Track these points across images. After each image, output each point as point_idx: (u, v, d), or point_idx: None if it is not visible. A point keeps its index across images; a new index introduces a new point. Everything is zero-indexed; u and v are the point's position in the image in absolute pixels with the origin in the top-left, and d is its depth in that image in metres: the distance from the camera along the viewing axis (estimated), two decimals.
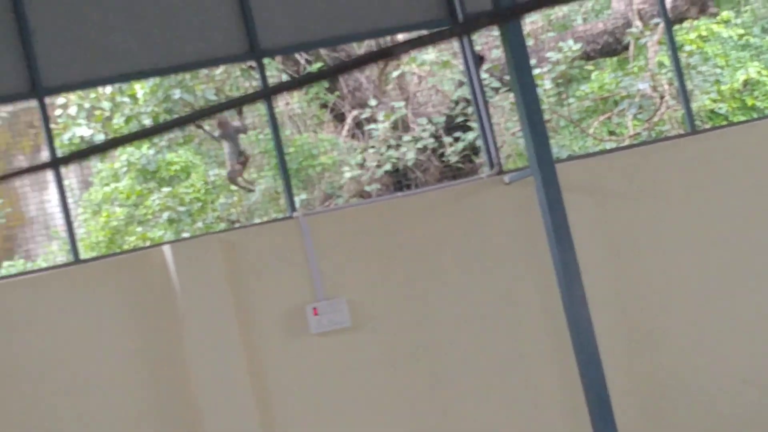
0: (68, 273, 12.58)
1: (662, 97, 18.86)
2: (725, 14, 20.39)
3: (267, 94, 13.33)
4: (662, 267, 13.44)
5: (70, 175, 17.12)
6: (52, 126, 14.29)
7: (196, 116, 13.82)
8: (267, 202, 18.51)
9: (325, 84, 18.93)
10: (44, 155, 15.70)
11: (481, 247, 13.10)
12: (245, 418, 12.14)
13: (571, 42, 18.93)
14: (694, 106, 17.65)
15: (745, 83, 19.79)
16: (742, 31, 20.59)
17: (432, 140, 18.86)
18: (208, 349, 12.17)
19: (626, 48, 19.51)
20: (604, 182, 13.69)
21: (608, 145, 18.74)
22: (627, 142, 18.30)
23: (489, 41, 16.49)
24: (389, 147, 18.82)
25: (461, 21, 13.56)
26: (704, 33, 19.52)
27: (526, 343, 13.01)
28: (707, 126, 18.21)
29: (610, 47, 19.38)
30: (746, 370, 13.51)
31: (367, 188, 18.72)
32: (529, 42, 16.12)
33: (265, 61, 14.25)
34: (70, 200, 13.99)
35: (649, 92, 19.07)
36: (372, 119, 19.14)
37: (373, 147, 19.10)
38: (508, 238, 13.17)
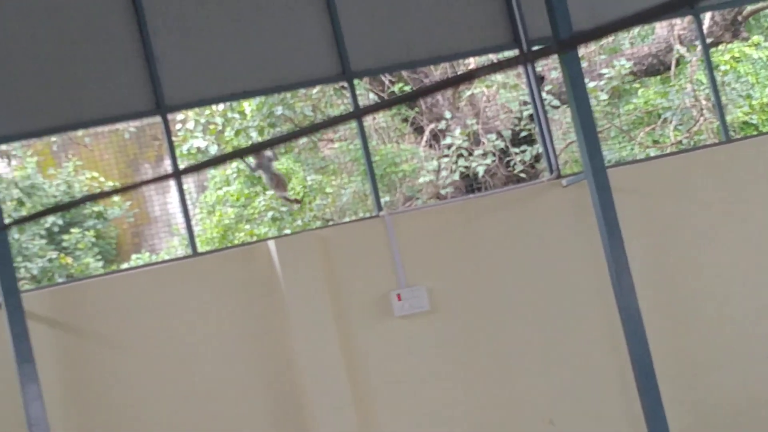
0: (187, 264, 13.35)
1: (700, 111, 19.26)
2: (755, 38, 20.70)
3: (358, 114, 13.71)
4: (700, 259, 13.89)
5: (189, 180, 17.90)
6: (174, 138, 14.86)
7: (298, 134, 13.78)
8: (356, 203, 19.00)
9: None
10: (166, 163, 16.11)
11: (541, 242, 13.65)
12: (340, 391, 12.69)
13: (623, 60, 19.50)
14: (729, 118, 18.17)
15: None
16: None
17: (499, 152, 19.38)
18: (307, 330, 12.80)
19: (668, 68, 19.88)
20: (649, 185, 14.10)
21: (652, 153, 18.82)
22: (669, 150, 18.61)
23: (548, 63, 16.58)
24: (460, 156, 19.41)
25: (527, 51, 13.68)
26: (737, 54, 20.03)
27: (582, 326, 13.55)
28: (740, 135, 18.51)
29: (654, 67, 19.94)
30: None
31: (442, 191, 19.34)
32: (584, 63, 16.10)
33: (355, 81, 14.56)
34: (188, 202, 14.49)
35: (689, 106, 19.43)
36: (447, 131, 19.66)
37: (447, 156, 19.64)
38: (566, 234, 13.70)
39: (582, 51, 17.02)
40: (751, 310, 13.81)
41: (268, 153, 16.00)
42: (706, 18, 17.33)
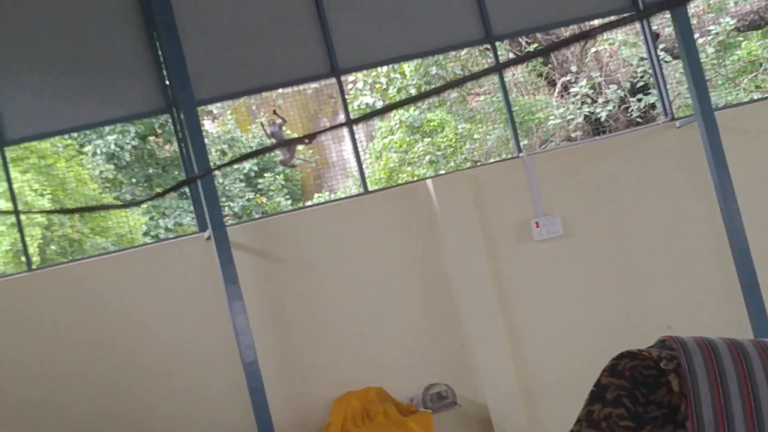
0: (360, 201, 14.13)
1: None
2: None
3: (499, 68, 13.99)
4: None
5: (359, 131, 18.63)
6: (346, 96, 15.08)
7: (449, 86, 14.04)
8: (499, 146, 19.31)
9: (540, 59, 19.77)
10: (340, 117, 16.92)
11: (658, 176, 14.20)
12: (488, 302, 13.50)
13: (728, 18, 19.34)
14: None
15: None
16: None
17: (619, 100, 19.75)
18: (461, 253, 13.56)
19: (766, 23, 19.64)
20: (753, 124, 14.50)
21: (756, 96, 18.51)
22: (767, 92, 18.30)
23: (662, 22, 16.60)
24: (584, 104, 19.77)
25: (641, 8, 14.02)
26: None
27: (693, 246, 14.11)
28: None
29: (755, 23, 19.71)
30: None
31: (572, 135, 19.65)
32: (693, 21, 15.72)
33: (497, 43, 14.85)
34: (359, 149, 15.02)
35: None
36: (574, 83, 20.01)
37: (573, 104, 19.97)
38: (679, 169, 14.20)
39: (692, 10, 17.00)
40: None
41: (279, 120, 15.39)
42: None
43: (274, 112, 15.49)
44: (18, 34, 13.37)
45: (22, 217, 15.16)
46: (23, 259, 14.63)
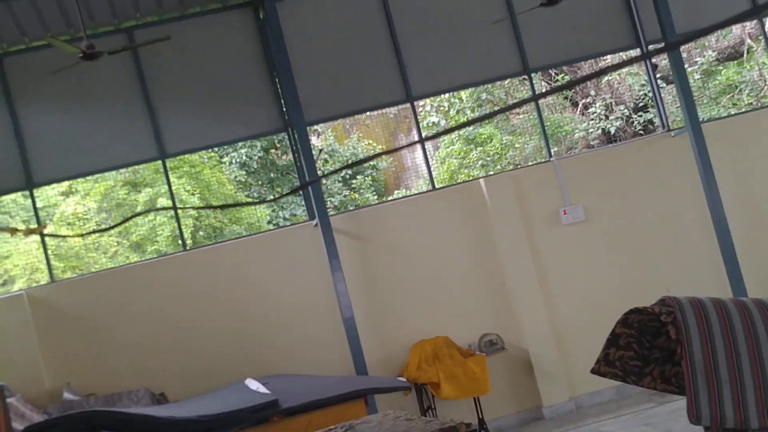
0: (429, 196, 14.01)
1: (765, 82, 18.83)
2: None
3: (536, 98, 13.84)
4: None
5: (428, 144, 17.50)
6: (418, 117, 14.76)
7: (493, 114, 13.96)
8: (535, 153, 18.98)
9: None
10: (413, 133, 16.39)
11: (657, 174, 13.97)
12: (528, 273, 13.45)
13: (710, 51, 19.22)
14: None
15: None
16: None
17: (626, 117, 19.47)
18: (506, 235, 13.47)
19: (742, 55, 19.50)
20: (732, 133, 14.28)
21: (732, 111, 18.24)
22: (744, 110, 17.98)
23: (660, 56, 16.48)
24: (600, 119, 19.59)
25: (646, 51, 13.71)
26: None
27: (686, 228, 13.90)
28: None
29: (732, 55, 19.60)
30: None
31: (591, 143, 19.51)
32: (684, 54, 15.10)
33: (533, 75, 14.61)
34: (428, 156, 14.93)
35: (756, 80, 19.11)
36: (592, 104, 19.87)
37: (592, 120, 19.77)
38: (674, 169, 13.99)
39: (683, 47, 16.80)
40: None
41: None
42: (767, 21, 16.44)
43: None
44: (176, 73, 13.55)
45: (179, 211, 15.41)
46: (180, 242, 14.92)
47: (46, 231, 14.43)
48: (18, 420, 10.54)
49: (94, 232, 17.69)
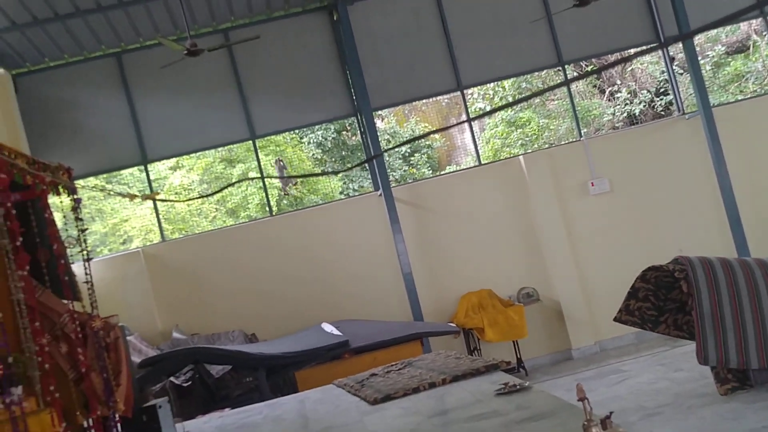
0: (475, 170, 14.00)
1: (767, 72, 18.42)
2: None
3: (567, 83, 13.86)
4: None
5: (475, 125, 17.77)
6: (467, 103, 14.88)
7: (531, 96, 14.63)
8: (567, 133, 18.55)
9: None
10: (462, 116, 16.23)
11: (673, 151, 13.76)
12: (560, 236, 13.37)
13: (720, 45, 18.90)
14: None
15: None
16: None
17: (648, 101, 19.11)
18: (541, 204, 13.37)
19: (748, 48, 19.15)
20: (739, 116, 13.99)
21: (739, 98, 17.77)
22: (749, 96, 17.54)
23: (676, 49, 15.72)
24: (627, 104, 19.32)
25: (663, 40, 13.58)
26: None
27: (697, 197, 13.64)
28: None
29: (740, 48, 19.21)
30: None
31: (616, 125, 19.11)
32: (697, 48, 15.18)
33: (566, 66, 14.37)
34: (476, 137, 15.15)
35: (761, 70, 18.82)
36: (618, 90, 19.55)
37: (618, 105, 19.49)
38: (688, 146, 13.78)
39: (696, 40, 16.48)
40: None
41: (281, 164, 15.20)
42: None
43: (279, 161, 15.38)
44: (264, 67, 13.63)
45: (266, 182, 15.58)
46: (267, 209, 14.97)
47: (158, 197, 14.67)
48: (136, 354, 10.84)
49: (196, 198, 18.07)
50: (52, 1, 11.74)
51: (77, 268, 6.35)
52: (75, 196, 6.00)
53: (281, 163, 14.94)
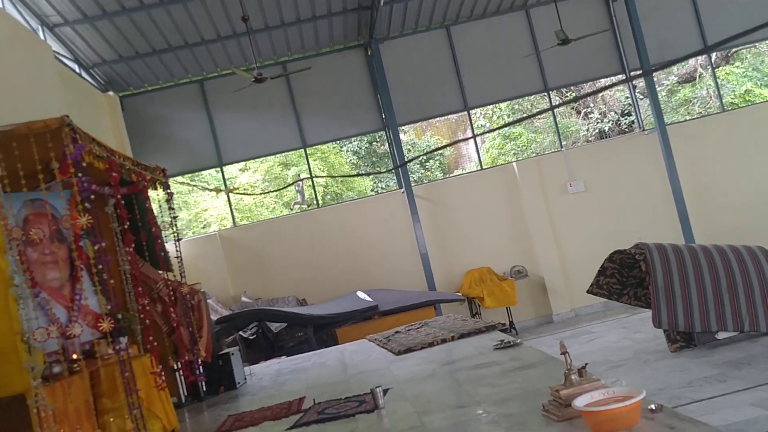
0: (477, 174, 13.64)
1: (710, 98, 18.13)
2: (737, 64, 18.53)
3: (552, 108, 13.13)
4: (717, 170, 13.18)
5: (479, 139, 16.46)
6: (472, 120, 14.51)
7: (526, 118, 14.16)
8: (551, 146, 17.80)
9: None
10: (467, 132, 16.01)
11: (634, 161, 13.31)
12: (545, 226, 13.04)
13: (673, 76, 18.48)
14: (726, 99, 16.92)
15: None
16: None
17: (615, 120, 18.70)
18: (530, 200, 13.04)
19: (695, 78, 18.71)
20: (688, 133, 13.49)
21: (688, 118, 16.69)
22: (695, 116, 16.84)
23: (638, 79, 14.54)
24: (598, 122, 18.90)
25: (627, 74, 13.17)
26: (728, 72, 18.25)
27: (652, 197, 13.08)
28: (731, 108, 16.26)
29: (688, 79, 18.78)
30: None
31: (589, 139, 18.71)
32: (655, 78, 14.47)
33: (551, 92, 13.74)
34: (479, 146, 14.79)
35: (705, 96, 18.42)
36: (591, 111, 19.10)
37: (591, 123, 19.00)
38: (647, 157, 13.34)
39: (655, 75, 15.61)
40: (750, 196, 13.04)
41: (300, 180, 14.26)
42: (713, 55, 15.80)
43: (298, 182, 14.61)
44: (313, 91, 13.43)
45: (315, 181, 15.50)
46: (315, 201, 14.90)
47: (237, 191, 14.76)
48: (213, 313, 10.89)
49: (261, 193, 17.95)
50: (150, 39, 11.77)
51: (169, 246, 6.46)
52: (168, 191, 6.10)
53: (300, 185, 14.67)
